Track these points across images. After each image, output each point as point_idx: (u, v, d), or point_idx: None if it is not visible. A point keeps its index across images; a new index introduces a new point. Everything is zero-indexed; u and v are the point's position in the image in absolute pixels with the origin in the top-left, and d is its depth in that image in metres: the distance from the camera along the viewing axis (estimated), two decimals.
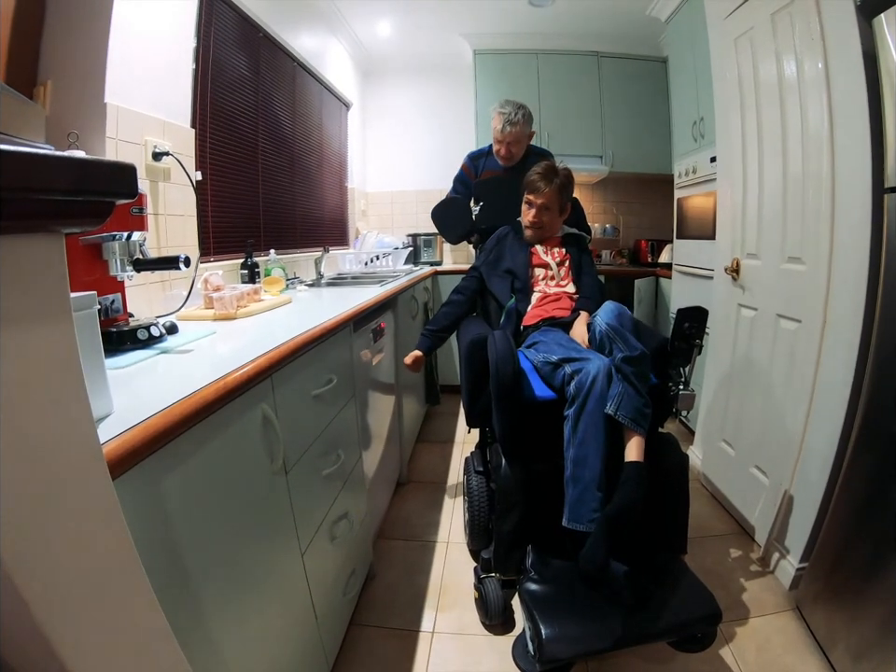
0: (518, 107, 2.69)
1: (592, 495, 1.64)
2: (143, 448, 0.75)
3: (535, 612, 1.58)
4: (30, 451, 0.50)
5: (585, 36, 4.41)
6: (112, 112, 1.72)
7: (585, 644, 1.52)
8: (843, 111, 1.77)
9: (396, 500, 2.81)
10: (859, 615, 1.59)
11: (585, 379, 1.70)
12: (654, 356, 1.83)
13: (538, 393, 1.85)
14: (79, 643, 0.55)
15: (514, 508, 1.81)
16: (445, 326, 2.38)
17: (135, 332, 1.32)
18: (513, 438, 1.85)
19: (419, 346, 2.34)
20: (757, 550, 2.27)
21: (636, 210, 4.98)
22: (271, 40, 3.10)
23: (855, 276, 1.73)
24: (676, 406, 1.83)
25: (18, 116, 0.67)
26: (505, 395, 1.78)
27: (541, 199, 2.27)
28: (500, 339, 1.82)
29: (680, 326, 1.80)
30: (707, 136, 3.06)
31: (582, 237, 2.47)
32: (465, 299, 2.45)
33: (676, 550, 1.83)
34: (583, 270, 2.33)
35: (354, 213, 4.79)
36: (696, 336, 1.81)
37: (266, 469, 1.22)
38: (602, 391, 1.68)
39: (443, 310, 2.43)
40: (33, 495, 0.50)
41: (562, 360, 1.81)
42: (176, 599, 0.86)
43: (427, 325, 2.42)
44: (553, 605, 1.62)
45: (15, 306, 0.48)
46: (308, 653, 1.47)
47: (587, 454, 1.67)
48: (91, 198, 0.53)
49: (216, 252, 2.53)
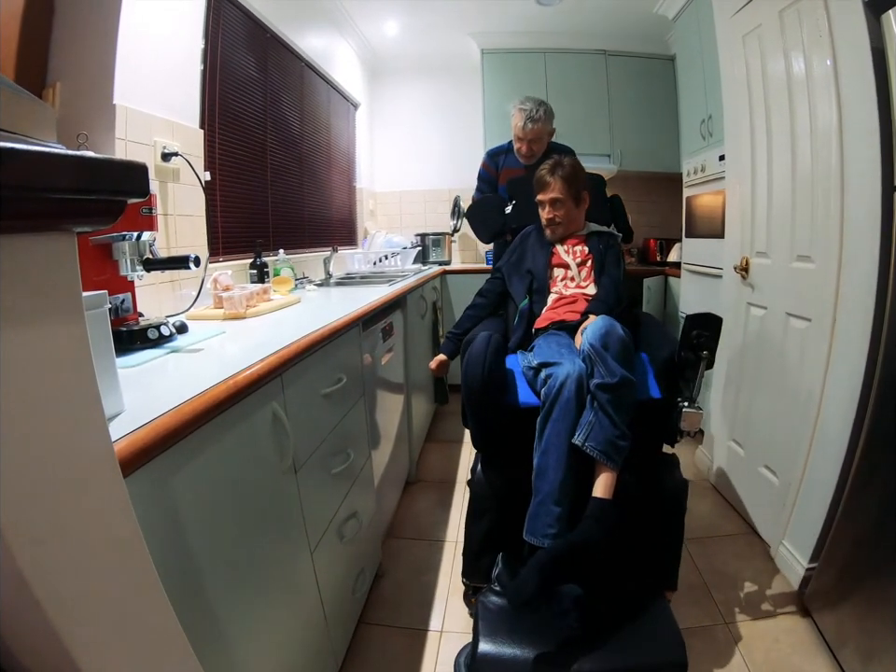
0: (539, 104, 2.66)
1: (546, 509, 1.57)
2: (154, 446, 0.76)
3: (479, 624, 1.52)
4: (43, 448, 0.50)
5: (593, 35, 4.40)
6: (121, 113, 1.73)
7: (518, 669, 1.42)
8: (852, 108, 1.76)
9: (405, 499, 2.82)
10: (868, 616, 1.57)
11: (553, 384, 1.64)
12: (664, 366, 1.76)
13: (522, 399, 1.80)
14: (91, 642, 0.56)
15: (485, 514, 1.78)
16: (469, 329, 2.31)
17: (145, 332, 1.33)
18: (486, 442, 1.83)
19: (443, 350, 2.32)
20: (766, 550, 2.26)
21: (644, 209, 4.96)
22: (278, 40, 3.11)
23: (865, 274, 1.72)
24: (678, 425, 1.70)
25: (29, 115, 0.68)
26: (474, 399, 1.74)
27: (550, 193, 2.20)
28: (479, 342, 1.77)
29: (688, 334, 1.71)
30: (715, 134, 3.04)
31: (612, 235, 2.36)
32: (488, 302, 2.41)
33: (662, 585, 1.73)
34: (605, 269, 2.19)
35: (362, 213, 4.80)
36: (705, 346, 1.69)
37: (276, 467, 1.22)
38: (569, 399, 1.61)
39: (467, 313, 2.40)
40: (45, 492, 0.50)
41: (541, 365, 1.77)
42: (186, 597, 0.86)
43: (450, 328, 2.39)
44: (503, 621, 1.54)
45: (28, 304, 0.48)
46: (317, 651, 1.47)
47: (547, 465, 1.60)
48: (103, 197, 0.53)
49: (225, 252, 2.54)
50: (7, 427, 0.46)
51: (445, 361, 2.29)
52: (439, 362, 2.28)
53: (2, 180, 0.41)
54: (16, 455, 0.47)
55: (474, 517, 1.80)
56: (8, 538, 0.46)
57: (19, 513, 0.47)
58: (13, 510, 0.47)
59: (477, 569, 1.81)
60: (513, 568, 1.67)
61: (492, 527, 1.77)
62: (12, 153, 0.42)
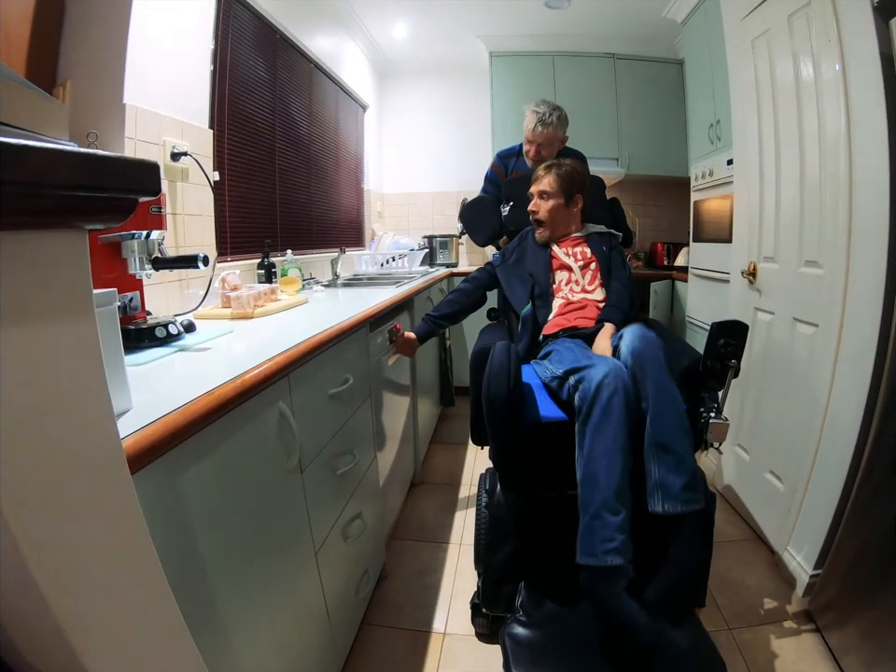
0: (553, 108, 2.64)
1: (603, 522, 1.42)
2: (161, 444, 0.76)
3: (511, 661, 1.42)
4: (53, 444, 0.50)
5: (601, 38, 4.39)
6: (131, 112, 1.74)
7: None
8: (860, 113, 1.75)
9: (409, 501, 2.82)
10: (872, 624, 1.57)
11: (589, 387, 1.52)
12: (686, 375, 1.69)
13: (543, 414, 1.71)
14: (97, 639, 0.56)
15: (506, 539, 1.69)
16: (447, 314, 2.30)
17: (153, 330, 1.34)
18: (508, 462, 1.71)
19: (415, 329, 2.27)
20: (771, 556, 2.25)
21: (652, 213, 4.95)
22: (287, 42, 3.13)
23: (872, 280, 1.71)
24: (705, 436, 1.64)
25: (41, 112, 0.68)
26: (497, 416, 1.61)
27: (539, 185, 2.17)
28: (499, 352, 1.65)
29: (715, 343, 1.62)
30: (723, 139, 3.03)
31: (614, 235, 2.32)
32: (473, 288, 2.36)
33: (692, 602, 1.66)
34: (612, 273, 2.12)
35: (370, 214, 4.81)
36: (732, 355, 1.61)
37: (282, 467, 1.23)
38: (610, 397, 1.49)
39: (449, 298, 2.35)
40: (54, 488, 0.51)
41: (567, 372, 1.65)
42: (190, 595, 0.86)
43: (428, 311, 2.35)
44: (536, 654, 1.45)
45: (41, 300, 0.49)
46: (320, 652, 1.47)
47: (596, 472, 1.47)
48: (115, 195, 0.53)
49: (233, 252, 2.55)
50: (17, 422, 0.46)
51: (414, 340, 2.24)
52: (406, 338, 2.23)
53: (16, 177, 0.41)
54: (26, 451, 0.47)
55: (494, 543, 1.70)
56: (17, 534, 0.47)
57: (27, 509, 0.48)
58: (22, 506, 0.47)
59: (499, 599, 1.72)
60: (539, 597, 1.62)
61: (513, 554, 1.69)
62: (26, 150, 0.42)
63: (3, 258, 0.44)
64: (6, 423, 0.45)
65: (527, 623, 1.55)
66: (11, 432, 0.46)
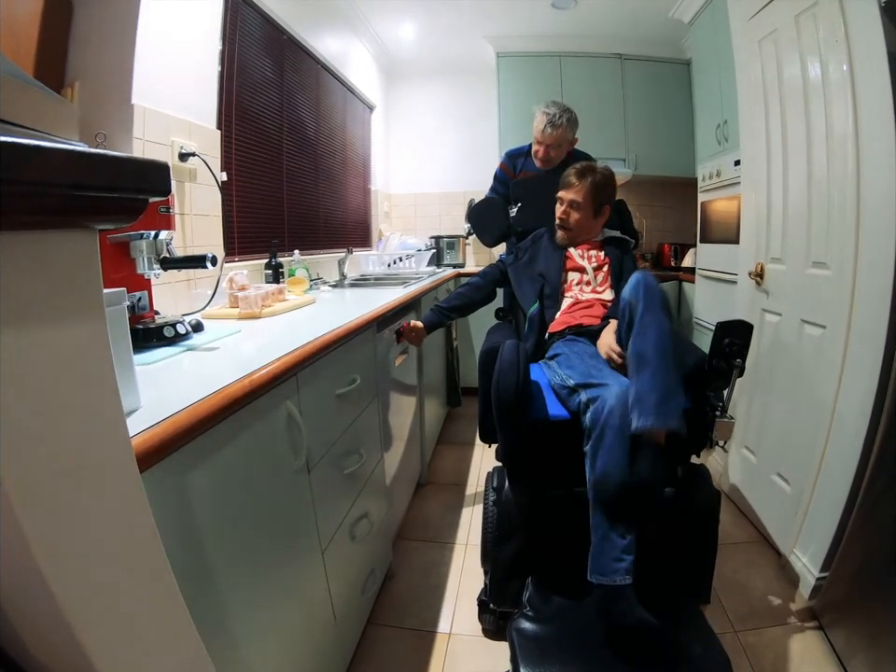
0: (564, 110, 2.63)
1: (612, 544, 1.46)
2: (170, 443, 0.76)
3: (518, 655, 1.42)
4: (63, 443, 0.51)
5: (608, 39, 4.39)
6: (139, 113, 1.75)
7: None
8: (868, 113, 1.75)
9: (416, 501, 2.82)
10: (879, 627, 1.56)
11: (602, 408, 1.53)
12: (691, 374, 1.69)
13: (551, 411, 1.72)
14: (104, 635, 0.56)
15: (514, 534, 1.70)
16: (456, 306, 2.34)
17: (162, 329, 1.35)
18: (516, 458, 1.74)
19: (423, 319, 2.31)
20: (777, 558, 2.24)
21: (659, 213, 4.95)
22: (295, 42, 3.13)
23: (880, 282, 1.70)
24: (711, 435, 1.66)
25: (51, 113, 0.69)
26: (505, 412, 1.64)
27: (570, 194, 2.15)
28: (509, 350, 1.67)
29: (720, 342, 1.64)
30: (731, 139, 3.02)
31: (626, 241, 2.33)
32: (483, 283, 2.40)
33: (695, 597, 1.68)
34: (623, 276, 2.11)
35: (377, 214, 4.81)
36: (737, 355, 1.64)
37: (289, 466, 1.23)
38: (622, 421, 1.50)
39: (459, 290, 2.39)
40: (65, 486, 0.51)
41: (578, 386, 1.67)
42: (197, 592, 0.87)
43: (437, 303, 2.38)
44: (544, 649, 1.45)
45: (51, 299, 0.49)
46: (325, 651, 1.48)
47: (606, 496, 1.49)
48: (125, 195, 0.54)
49: (240, 252, 2.56)
50: (28, 420, 0.47)
51: (421, 329, 2.28)
52: (413, 327, 2.26)
53: (28, 177, 0.42)
54: (36, 449, 0.48)
55: (504, 539, 1.71)
56: (27, 531, 0.47)
57: (37, 507, 0.48)
58: (33, 503, 0.48)
59: (506, 594, 1.73)
60: (546, 592, 1.63)
61: (521, 549, 1.70)
62: (37, 150, 0.43)
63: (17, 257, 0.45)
64: (17, 422, 0.46)
65: (535, 617, 1.56)
66: (23, 431, 0.46)
